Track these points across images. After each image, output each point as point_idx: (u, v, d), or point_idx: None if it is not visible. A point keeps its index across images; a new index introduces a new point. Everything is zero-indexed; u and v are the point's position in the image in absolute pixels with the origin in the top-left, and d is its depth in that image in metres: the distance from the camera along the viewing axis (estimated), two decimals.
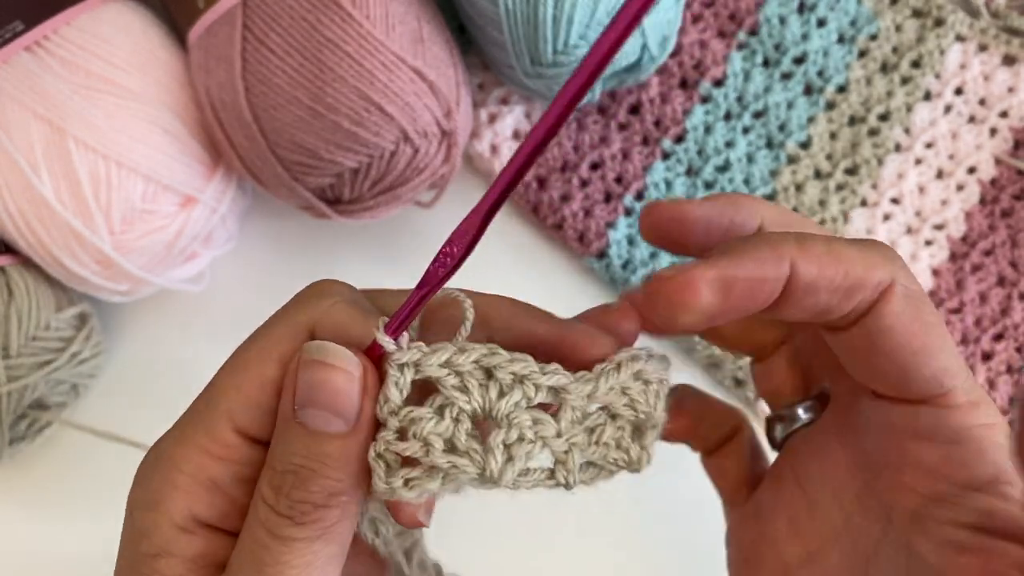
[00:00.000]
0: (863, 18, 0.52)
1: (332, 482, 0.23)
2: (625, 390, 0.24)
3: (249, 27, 0.42)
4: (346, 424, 0.23)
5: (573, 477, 0.23)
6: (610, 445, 0.24)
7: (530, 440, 0.23)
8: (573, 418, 0.23)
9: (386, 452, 0.23)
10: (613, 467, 0.24)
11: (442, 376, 0.23)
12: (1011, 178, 0.51)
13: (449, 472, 0.23)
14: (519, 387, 0.23)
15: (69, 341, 0.45)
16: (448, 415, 0.23)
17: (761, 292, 0.23)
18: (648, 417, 0.25)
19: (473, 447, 0.23)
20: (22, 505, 0.50)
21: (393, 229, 0.52)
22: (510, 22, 0.43)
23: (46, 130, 0.41)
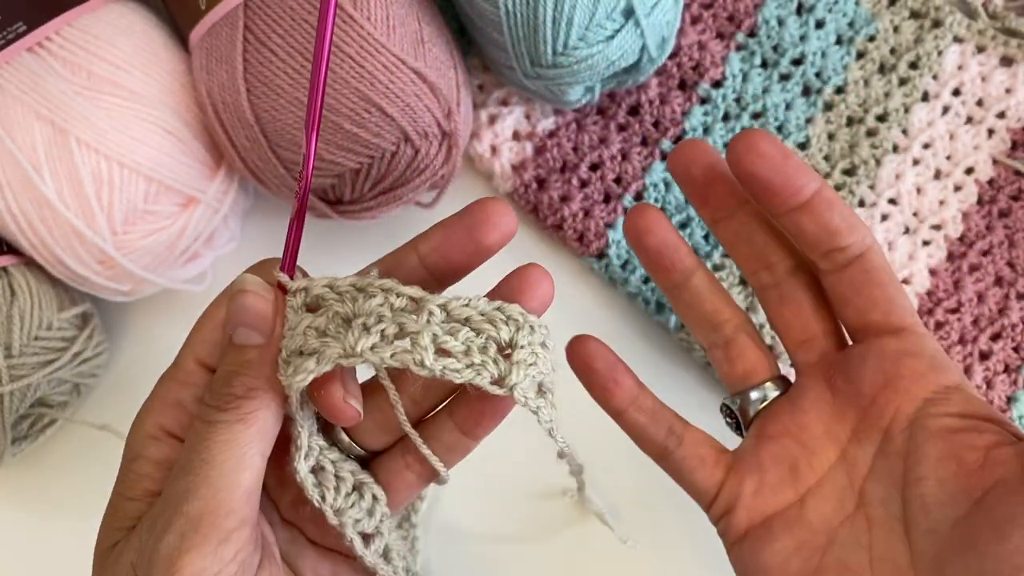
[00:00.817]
0: (861, 19, 0.52)
1: (250, 379, 0.28)
2: (484, 314, 0.28)
3: (251, 28, 0.43)
4: (262, 337, 0.29)
5: (427, 355, 0.26)
6: (471, 347, 0.27)
7: (387, 319, 0.27)
8: (431, 320, 0.27)
9: (288, 356, 0.28)
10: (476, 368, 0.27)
11: (324, 293, 0.29)
12: (1008, 178, 0.51)
13: (320, 351, 0.27)
14: (383, 294, 0.28)
15: (71, 341, 0.45)
16: (325, 316, 0.28)
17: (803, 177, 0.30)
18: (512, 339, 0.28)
19: (339, 330, 0.27)
20: (24, 504, 0.50)
21: (394, 229, 0.52)
22: (510, 24, 0.43)
23: (48, 131, 0.42)
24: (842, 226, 0.31)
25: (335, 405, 0.29)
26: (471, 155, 0.52)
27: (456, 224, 0.30)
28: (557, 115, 0.52)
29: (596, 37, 0.43)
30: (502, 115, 0.51)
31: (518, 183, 0.51)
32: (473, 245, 0.30)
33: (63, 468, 0.50)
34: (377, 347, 0.27)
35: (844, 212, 0.31)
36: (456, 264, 0.31)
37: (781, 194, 0.31)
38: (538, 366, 0.28)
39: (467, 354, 0.27)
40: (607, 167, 0.51)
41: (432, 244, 0.31)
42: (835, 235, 0.31)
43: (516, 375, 0.28)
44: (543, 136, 0.51)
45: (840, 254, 0.31)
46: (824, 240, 0.31)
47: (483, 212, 0.30)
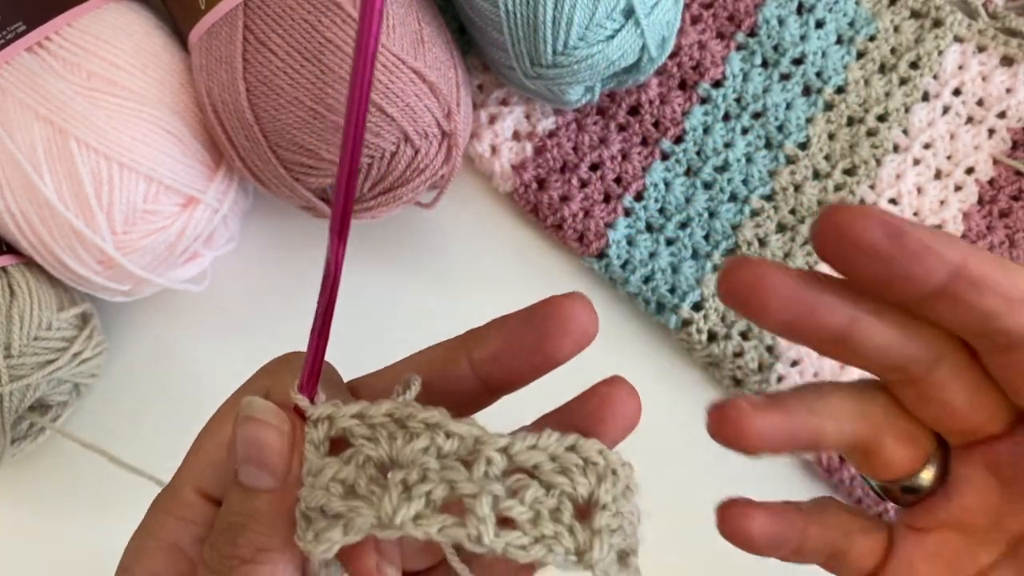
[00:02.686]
0: (861, 19, 0.52)
1: (260, 537, 0.23)
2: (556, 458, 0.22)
3: (250, 28, 0.43)
4: (275, 480, 0.23)
5: (486, 529, 0.21)
6: (542, 514, 0.22)
7: (432, 480, 0.21)
8: (489, 471, 0.22)
9: (307, 511, 0.23)
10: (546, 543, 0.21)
11: (352, 426, 0.23)
12: (1009, 178, 0.51)
13: (348, 516, 0.22)
14: (428, 433, 0.22)
15: (71, 341, 0.45)
16: (353, 463, 0.22)
17: (927, 259, 0.22)
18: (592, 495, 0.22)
19: (372, 489, 0.22)
20: (24, 504, 0.50)
21: (394, 229, 0.52)
22: (510, 23, 0.43)
23: (48, 131, 0.42)
24: (998, 307, 0.23)
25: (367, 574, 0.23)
26: (471, 155, 0.52)
27: (522, 329, 0.25)
28: (557, 115, 0.52)
29: (596, 37, 0.43)
30: (502, 115, 0.51)
31: (518, 183, 0.51)
32: (541, 357, 0.24)
33: (63, 468, 0.50)
34: (422, 517, 0.21)
35: (1001, 286, 0.23)
36: (516, 376, 0.25)
37: (899, 288, 0.23)
38: (623, 529, 0.23)
39: (536, 523, 0.22)
40: (607, 167, 0.51)
41: (489, 351, 0.25)
42: (990, 319, 0.23)
43: (599, 550, 0.21)
44: (543, 136, 0.51)
45: (1001, 336, 0.24)
46: (976, 324, 0.24)
47: (557, 318, 0.24)
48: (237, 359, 0.38)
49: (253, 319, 0.52)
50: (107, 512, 0.50)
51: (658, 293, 0.50)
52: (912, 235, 0.22)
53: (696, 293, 0.50)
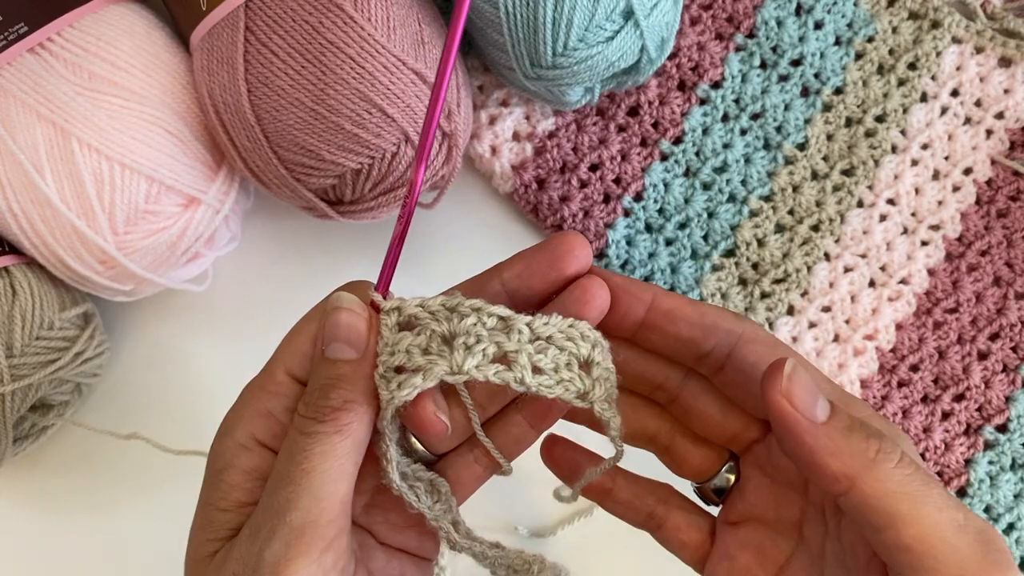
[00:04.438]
0: (860, 20, 0.52)
1: (346, 392, 0.29)
2: (563, 332, 0.30)
3: (251, 29, 0.43)
4: (356, 352, 0.30)
5: (527, 373, 0.29)
6: (559, 364, 0.30)
7: (486, 340, 0.29)
8: (520, 337, 0.30)
9: (385, 372, 0.30)
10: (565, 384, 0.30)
11: (418, 312, 0.30)
12: (1007, 179, 0.51)
13: (426, 368, 0.29)
14: (474, 313, 0.30)
15: (73, 341, 0.45)
16: (423, 334, 0.30)
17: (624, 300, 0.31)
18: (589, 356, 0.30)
19: (442, 349, 0.29)
20: (26, 504, 0.50)
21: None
22: (510, 25, 0.43)
23: (50, 131, 0.42)
24: (693, 333, 0.31)
25: (428, 419, 0.30)
26: (471, 155, 0.52)
27: (539, 254, 0.32)
28: (557, 116, 0.52)
29: (596, 38, 0.43)
30: (502, 116, 0.51)
31: (518, 183, 0.51)
32: (555, 274, 0.31)
33: (65, 468, 0.51)
34: (481, 366, 0.29)
35: (691, 317, 0.31)
36: (537, 291, 0.32)
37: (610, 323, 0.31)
38: (611, 380, 0.31)
39: (556, 371, 0.30)
40: (607, 167, 0.51)
41: (516, 271, 0.32)
42: (690, 344, 0.31)
43: (598, 390, 0.30)
44: (543, 137, 0.52)
45: (708, 359, 0.31)
46: (683, 352, 0.32)
47: (566, 244, 0.31)
48: (238, 358, 0.38)
49: (254, 319, 0.52)
50: (108, 511, 0.50)
51: None
52: (614, 278, 0.31)
53: (695, 293, 0.50)
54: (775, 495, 0.32)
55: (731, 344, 0.31)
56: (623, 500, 0.35)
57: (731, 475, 0.34)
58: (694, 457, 0.34)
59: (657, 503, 0.35)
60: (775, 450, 0.32)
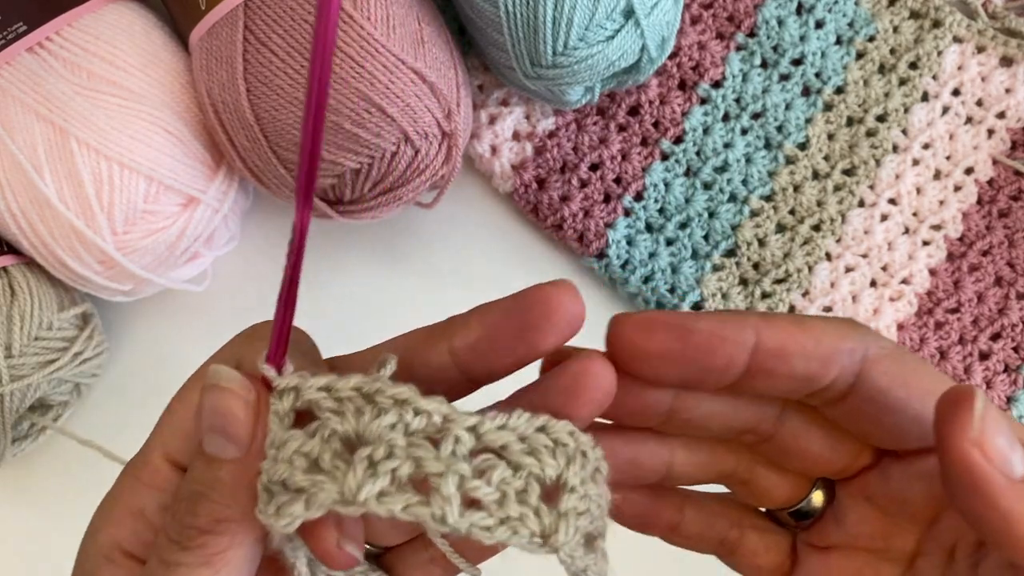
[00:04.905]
0: (861, 20, 0.52)
1: (219, 507, 0.23)
2: (525, 439, 0.22)
3: (251, 28, 0.43)
4: (238, 450, 0.23)
5: (451, 509, 0.20)
6: (506, 494, 0.21)
7: (398, 457, 0.21)
8: (456, 450, 0.21)
9: (269, 484, 0.22)
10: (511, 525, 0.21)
11: (319, 399, 0.22)
12: (1008, 179, 0.51)
13: (310, 491, 0.21)
14: (395, 409, 0.21)
15: (72, 341, 0.45)
16: (319, 436, 0.22)
17: (722, 349, 0.23)
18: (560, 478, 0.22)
19: (337, 464, 0.21)
20: (25, 504, 0.50)
21: (394, 229, 0.52)
22: (510, 24, 0.43)
23: (49, 131, 0.42)
24: (811, 368, 0.23)
25: (327, 552, 0.23)
26: (471, 155, 0.52)
27: (504, 319, 0.23)
28: (557, 115, 0.52)
29: (596, 37, 0.43)
30: (502, 115, 0.51)
31: (518, 183, 0.51)
32: (524, 348, 0.23)
33: (64, 468, 0.50)
34: (385, 496, 0.20)
35: (807, 347, 0.23)
36: (497, 368, 0.24)
37: (709, 381, 0.24)
38: (590, 513, 0.22)
39: (502, 504, 0.21)
40: (607, 167, 0.51)
41: (470, 339, 0.24)
42: (807, 382, 0.24)
43: (564, 532, 0.21)
44: (543, 136, 0.52)
45: (826, 393, 0.24)
46: (797, 390, 0.24)
47: (543, 305, 0.23)
48: None
49: (253, 319, 0.51)
50: None
51: (658, 293, 0.50)
52: (699, 330, 0.23)
53: (696, 293, 0.50)
54: (885, 525, 0.27)
55: (855, 370, 0.23)
56: (693, 532, 0.29)
57: (819, 499, 0.28)
58: (779, 490, 0.28)
59: (730, 527, 0.28)
60: (895, 483, 0.26)
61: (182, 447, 0.24)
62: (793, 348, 0.23)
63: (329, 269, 0.52)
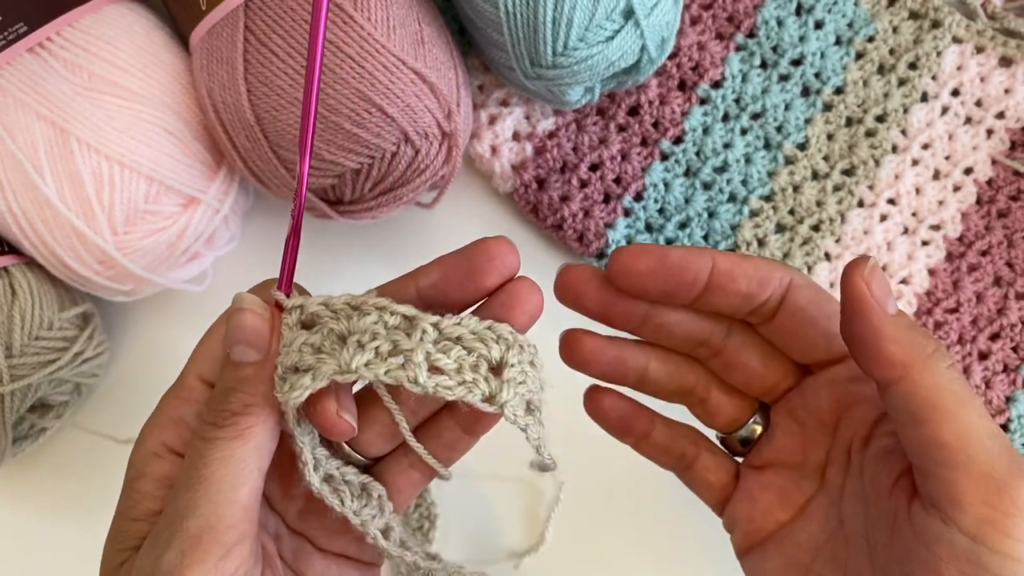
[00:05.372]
0: (860, 20, 0.52)
1: (247, 395, 0.29)
2: (475, 333, 0.29)
3: (251, 29, 0.43)
4: (259, 354, 0.29)
5: (420, 371, 0.27)
6: (463, 365, 0.28)
7: (381, 336, 0.28)
8: (424, 337, 0.28)
9: (283, 373, 0.29)
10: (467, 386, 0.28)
11: (319, 311, 0.29)
12: (1007, 179, 0.51)
13: (315, 367, 0.28)
14: (376, 312, 0.28)
15: (72, 341, 0.45)
16: (320, 332, 0.29)
17: (688, 268, 0.31)
18: (502, 358, 0.28)
19: (334, 347, 0.28)
20: (25, 504, 0.50)
21: (394, 229, 0.52)
22: (510, 24, 0.43)
23: (49, 131, 0.42)
24: (752, 287, 0.31)
25: (329, 420, 0.29)
26: (471, 155, 0.52)
27: (456, 263, 0.30)
28: (557, 115, 0.52)
29: (596, 38, 0.43)
30: (502, 115, 0.51)
31: (518, 183, 0.51)
32: (472, 286, 0.30)
33: (64, 468, 0.51)
34: (372, 364, 0.27)
35: (748, 271, 0.31)
36: (453, 302, 0.30)
37: (679, 293, 0.31)
38: (527, 384, 0.29)
39: (459, 372, 0.28)
40: (607, 167, 0.51)
41: (431, 279, 0.31)
42: (749, 298, 0.31)
43: (506, 393, 0.28)
44: (543, 136, 0.52)
45: (761, 309, 0.32)
46: (742, 306, 0.32)
47: (484, 254, 0.30)
48: None
49: None
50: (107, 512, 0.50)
51: None
52: (673, 255, 0.31)
53: None
54: (803, 439, 0.33)
55: (782, 292, 0.31)
56: (659, 443, 0.36)
57: (758, 426, 0.35)
58: (728, 408, 0.35)
59: (689, 444, 0.36)
60: (809, 395, 0.33)
61: (213, 368, 0.31)
62: (738, 271, 0.31)
63: (329, 269, 0.52)
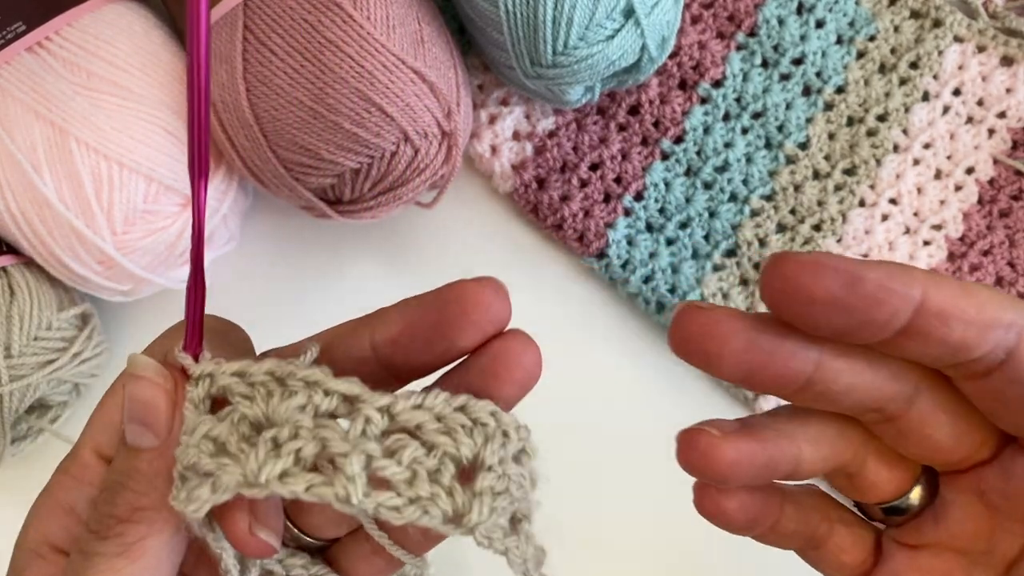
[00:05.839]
0: (861, 19, 0.52)
1: (137, 496, 0.23)
2: (441, 418, 0.21)
3: (250, 28, 0.43)
4: (156, 438, 0.23)
5: (354, 488, 0.20)
6: (419, 474, 0.20)
7: (304, 438, 0.20)
8: (367, 431, 0.21)
9: (184, 471, 0.22)
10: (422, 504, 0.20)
11: (232, 384, 0.22)
12: (1009, 178, 0.51)
13: (216, 474, 0.21)
14: (305, 391, 0.21)
15: (71, 341, 0.45)
16: (228, 420, 0.22)
17: (888, 302, 0.21)
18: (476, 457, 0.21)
19: (242, 447, 0.21)
20: (25, 505, 0.50)
21: (394, 229, 0.52)
22: (510, 23, 0.43)
23: (48, 131, 0.42)
24: (968, 335, 0.22)
25: (239, 538, 0.23)
26: (471, 155, 0.52)
27: (424, 313, 0.23)
28: (557, 115, 0.52)
29: (596, 37, 0.43)
30: (502, 115, 0.51)
31: (518, 183, 0.51)
32: (443, 344, 0.23)
33: None
34: (288, 475, 0.20)
35: (967, 313, 0.22)
36: (417, 364, 0.23)
37: (861, 334, 0.22)
38: (510, 493, 0.22)
39: (412, 484, 0.20)
40: (607, 167, 0.51)
41: (390, 333, 0.23)
42: (961, 350, 0.22)
43: (478, 512, 0.20)
44: (543, 136, 0.51)
45: (976, 364, 0.23)
46: (948, 357, 0.23)
47: (459, 303, 0.22)
48: None
49: (253, 319, 0.51)
50: None
51: (658, 293, 0.50)
52: (869, 280, 0.21)
53: (696, 293, 0.50)
54: (990, 525, 0.26)
55: (1010, 346, 0.22)
56: (789, 531, 0.27)
57: (917, 495, 0.27)
58: (885, 484, 0.26)
59: (820, 521, 0.28)
60: (1016, 471, 0.25)
61: (111, 441, 0.25)
62: (955, 312, 0.22)
63: (329, 269, 0.52)
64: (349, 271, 0.52)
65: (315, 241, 0.52)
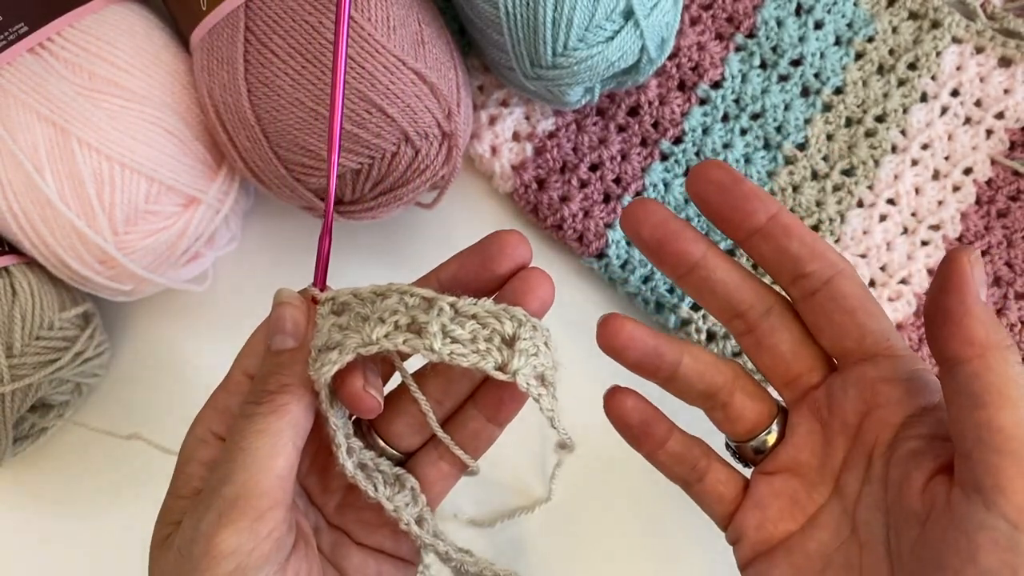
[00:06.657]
0: (860, 20, 0.52)
1: (283, 377, 0.32)
2: (489, 312, 0.31)
3: (251, 29, 0.43)
4: (295, 341, 0.33)
5: (436, 340, 0.29)
6: (477, 336, 0.30)
7: (401, 312, 0.30)
8: (441, 312, 0.30)
9: (316, 355, 0.31)
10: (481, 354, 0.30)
11: (348, 299, 0.32)
12: (1007, 179, 0.51)
13: (342, 343, 0.30)
14: (397, 295, 0.31)
15: (73, 341, 0.45)
16: (346, 315, 0.32)
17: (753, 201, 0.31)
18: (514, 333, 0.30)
19: (358, 325, 0.31)
20: (27, 504, 0.50)
21: (394, 230, 0.52)
22: (510, 24, 0.44)
23: (50, 131, 0.42)
24: (802, 252, 0.31)
25: (355, 394, 0.31)
26: (471, 156, 0.52)
27: (471, 255, 0.33)
28: (557, 116, 0.52)
29: (596, 38, 0.43)
30: (502, 116, 0.51)
31: (518, 183, 0.51)
32: (488, 274, 0.33)
33: (65, 468, 0.51)
34: (391, 335, 0.30)
35: (805, 238, 0.31)
36: (470, 291, 0.33)
37: (733, 219, 0.32)
38: (539, 357, 0.31)
39: (473, 342, 0.30)
40: (607, 167, 0.51)
41: (450, 272, 0.34)
42: (796, 262, 0.32)
43: (518, 361, 0.30)
44: (543, 137, 0.52)
45: (805, 281, 0.32)
46: (786, 267, 0.32)
47: (497, 244, 0.33)
48: None
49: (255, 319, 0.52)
50: (108, 511, 0.50)
51: (657, 293, 0.50)
52: (745, 182, 0.32)
53: None
54: (823, 440, 0.33)
55: (830, 274, 0.31)
56: (675, 452, 0.35)
57: (772, 436, 0.35)
58: (750, 412, 0.34)
59: (701, 456, 0.36)
60: (835, 392, 0.33)
61: (256, 364, 0.34)
62: (796, 232, 0.32)
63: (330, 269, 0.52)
64: (349, 271, 0.52)
65: (316, 241, 0.52)
